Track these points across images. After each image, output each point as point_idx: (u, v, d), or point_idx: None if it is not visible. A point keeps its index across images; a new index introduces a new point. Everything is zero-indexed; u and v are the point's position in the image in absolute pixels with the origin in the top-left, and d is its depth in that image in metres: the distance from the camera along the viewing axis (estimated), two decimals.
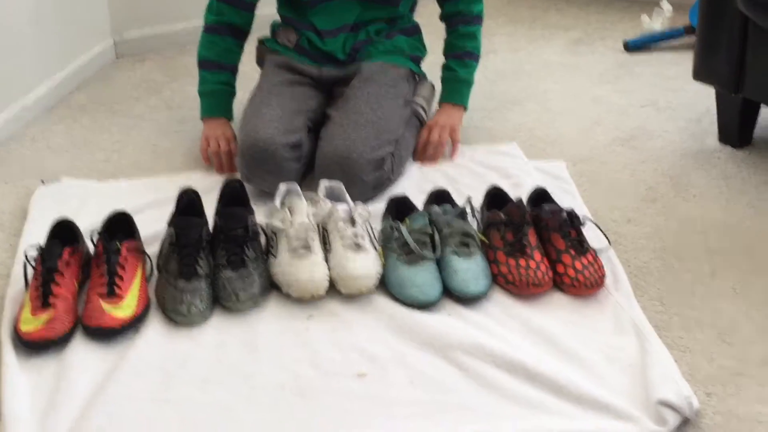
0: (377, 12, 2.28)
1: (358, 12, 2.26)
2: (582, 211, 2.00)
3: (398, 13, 2.31)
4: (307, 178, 2.13)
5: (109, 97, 2.78)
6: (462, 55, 2.32)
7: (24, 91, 2.57)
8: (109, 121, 2.60)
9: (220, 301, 1.69)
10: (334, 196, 1.94)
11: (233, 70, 2.29)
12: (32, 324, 1.58)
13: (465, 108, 2.35)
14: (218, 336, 1.63)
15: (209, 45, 2.26)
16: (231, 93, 2.29)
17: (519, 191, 2.05)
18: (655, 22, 3.23)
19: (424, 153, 2.28)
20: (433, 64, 2.45)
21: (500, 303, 1.72)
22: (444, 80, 2.35)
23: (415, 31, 2.38)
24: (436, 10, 2.37)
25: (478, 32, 2.34)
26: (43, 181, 2.20)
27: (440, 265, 1.77)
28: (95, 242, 1.75)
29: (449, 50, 2.35)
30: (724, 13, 2.18)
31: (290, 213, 1.81)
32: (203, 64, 2.27)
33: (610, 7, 3.61)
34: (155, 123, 2.59)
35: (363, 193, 2.03)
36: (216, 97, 2.28)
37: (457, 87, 2.34)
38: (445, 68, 2.35)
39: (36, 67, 2.63)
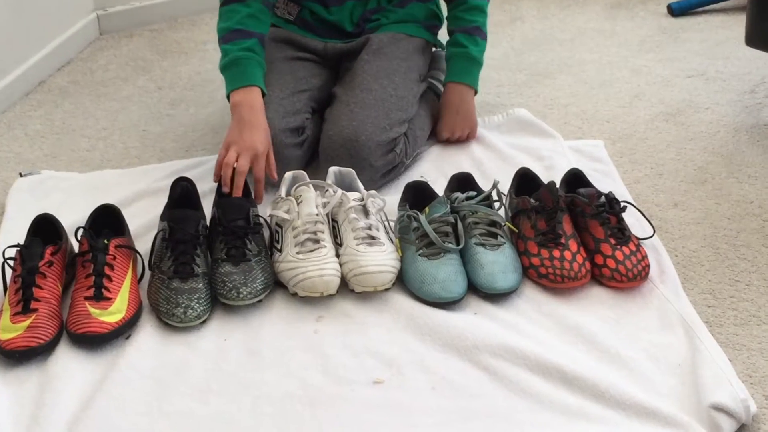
0: None
1: None
2: (623, 195, 2.00)
3: None
4: (312, 164, 2.14)
5: (93, 78, 2.79)
6: (472, 30, 2.27)
7: None
8: (93, 104, 2.61)
9: (219, 298, 1.70)
10: (344, 184, 1.94)
11: (260, 39, 2.09)
12: (12, 332, 1.59)
13: (476, 92, 2.31)
14: (218, 341, 1.64)
15: (229, 15, 2.09)
16: (259, 63, 2.07)
17: (552, 174, 2.05)
18: None
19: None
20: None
21: (532, 299, 1.73)
22: (452, 56, 2.29)
23: None
24: None
25: (486, 7, 2.29)
26: (21, 174, 2.21)
27: (464, 258, 1.77)
28: (80, 239, 1.76)
29: (457, 24, 2.29)
30: None
31: (297, 203, 1.82)
32: (224, 38, 2.09)
33: None
34: (144, 106, 2.60)
35: (373, 179, 2.04)
36: (241, 65, 2.05)
37: (468, 66, 2.29)
38: (453, 44, 2.29)
39: (11, 48, 2.64)
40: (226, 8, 2.11)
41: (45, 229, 1.80)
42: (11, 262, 1.71)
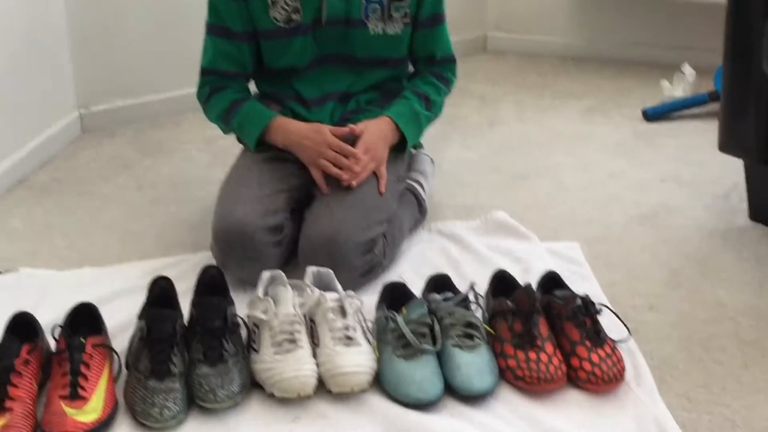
0: (376, 74, 2.32)
1: (351, 80, 2.30)
2: (598, 297, 2.02)
3: (400, 73, 2.35)
4: (290, 263, 2.15)
5: (75, 176, 2.80)
6: (425, 96, 2.30)
7: None
8: (74, 202, 2.63)
9: (196, 400, 1.69)
10: (322, 284, 1.95)
11: (253, 99, 2.30)
12: None
13: (403, 143, 2.26)
14: None
15: (217, 102, 2.27)
16: (263, 106, 2.27)
17: (528, 276, 2.07)
18: (677, 88, 3.28)
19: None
20: (430, 138, 2.48)
21: (508, 401, 1.73)
22: (394, 103, 2.29)
23: None
24: None
25: (444, 95, 2.34)
26: None
27: (441, 359, 1.78)
28: (57, 338, 1.76)
29: (411, 87, 2.32)
30: (750, 77, 2.21)
31: (274, 303, 1.82)
32: (223, 119, 2.27)
33: (627, 72, 3.68)
34: (125, 204, 2.61)
35: (352, 279, 2.04)
36: (252, 113, 2.24)
37: (406, 112, 2.27)
38: (401, 96, 2.30)
39: None
40: (212, 101, 2.28)
41: (22, 327, 1.79)
42: None
